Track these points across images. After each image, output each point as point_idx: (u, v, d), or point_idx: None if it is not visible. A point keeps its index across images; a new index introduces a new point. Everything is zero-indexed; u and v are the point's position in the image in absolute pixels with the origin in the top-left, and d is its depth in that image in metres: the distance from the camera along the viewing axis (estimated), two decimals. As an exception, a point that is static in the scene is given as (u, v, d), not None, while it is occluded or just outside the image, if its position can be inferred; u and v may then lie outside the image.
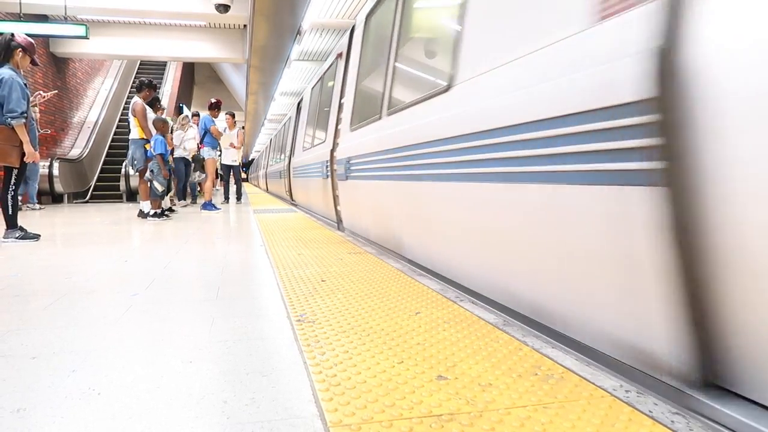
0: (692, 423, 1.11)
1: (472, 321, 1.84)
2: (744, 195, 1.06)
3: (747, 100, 1.03)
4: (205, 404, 1.19)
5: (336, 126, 5.33)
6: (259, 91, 13.82)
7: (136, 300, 2.21)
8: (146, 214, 6.43)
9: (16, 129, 4.04)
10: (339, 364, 1.42)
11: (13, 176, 4.19)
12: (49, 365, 1.45)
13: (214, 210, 7.74)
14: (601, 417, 1.12)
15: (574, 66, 1.49)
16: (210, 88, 22.49)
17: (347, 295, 2.21)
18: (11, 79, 4.02)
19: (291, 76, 14.49)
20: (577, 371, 1.37)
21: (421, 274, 2.70)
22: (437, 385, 1.29)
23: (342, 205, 4.99)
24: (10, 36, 4.21)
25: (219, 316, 1.95)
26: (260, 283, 2.55)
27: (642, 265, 1.30)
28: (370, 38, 4.41)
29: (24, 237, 4.23)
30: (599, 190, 1.40)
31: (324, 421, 1.10)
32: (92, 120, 12.77)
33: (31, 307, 2.10)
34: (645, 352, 1.34)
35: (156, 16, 10.02)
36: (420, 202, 2.78)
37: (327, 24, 9.94)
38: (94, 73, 13.66)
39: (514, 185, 1.81)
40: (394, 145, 3.11)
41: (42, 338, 1.69)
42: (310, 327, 1.77)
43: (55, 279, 2.67)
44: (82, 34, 9.08)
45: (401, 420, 1.10)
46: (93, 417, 1.13)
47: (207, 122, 8.16)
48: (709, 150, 1.12)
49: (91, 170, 11.85)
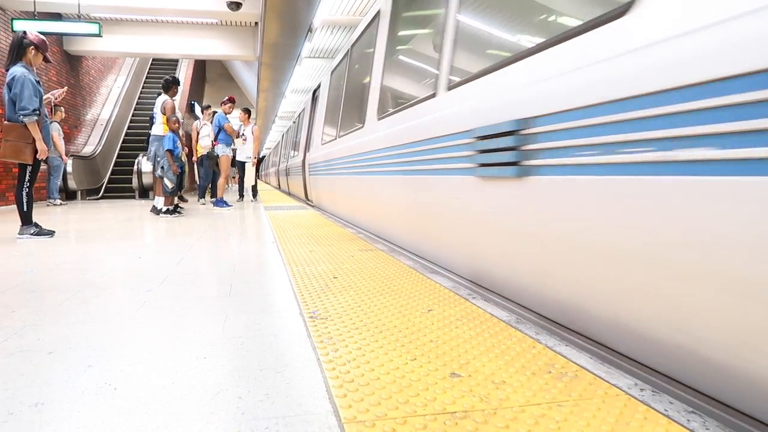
0: (708, 422, 1.10)
1: (484, 318, 1.83)
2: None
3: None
4: (220, 400, 1.20)
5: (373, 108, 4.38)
6: (270, 88, 13.88)
7: (151, 296, 2.23)
8: (159, 211, 6.49)
9: (29, 126, 4.09)
10: (352, 361, 1.42)
11: (27, 173, 4.24)
12: (66, 360, 1.46)
13: (226, 207, 7.78)
14: (616, 415, 1.11)
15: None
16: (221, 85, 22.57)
17: (359, 292, 2.22)
18: (23, 76, 4.06)
19: (302, 74, 14.54)
20: (591, 369, 1.37)
21: (433, 272, 2.69)
22: (451, 382, 1.29)
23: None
24: (22, 34, 4.25)
25: (232, 313, 1.96)
26: (273, 280, 2.56)
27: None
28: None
29: (39, 233, 4.28)
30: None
31: (338, 417, 1.11)
32: (105, 117, 12.87)
33: (47, 303, 2.12)
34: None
35: (168, 14, 10.05)
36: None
37: (338, 21, 9.94)
38: (106, 71, 13.76)
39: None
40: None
41: (58, 334, 1.71)
42: (323, 323, 1.77)
43: (70, 275, 2.70)
44: (96, 32, 9.13)
45: (415, 417, 1.10)
46: (109, 412, 1.14)
47: (221, 119, 8.20)
48: None
49: (104, 167, 11.95)
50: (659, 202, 1.36)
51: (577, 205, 1.66)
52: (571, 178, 1.69)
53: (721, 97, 1.17)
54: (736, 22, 1.15)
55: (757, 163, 1.11)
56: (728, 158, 1.16)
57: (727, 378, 1.25)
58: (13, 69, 4.12)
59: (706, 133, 1.22)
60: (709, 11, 1.22)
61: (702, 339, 1.29)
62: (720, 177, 1.19)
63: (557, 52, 1.80)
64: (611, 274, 1.54)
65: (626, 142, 1.45)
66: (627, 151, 1.45)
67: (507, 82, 2.12)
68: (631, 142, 1.44)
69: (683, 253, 1.30)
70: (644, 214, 1.41)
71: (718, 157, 1.19)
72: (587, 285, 1.66)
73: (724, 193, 1.17)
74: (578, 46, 1.69)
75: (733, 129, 1.15)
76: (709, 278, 1.25)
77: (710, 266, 1.25)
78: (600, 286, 1.61)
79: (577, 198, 1.67)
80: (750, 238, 1.14)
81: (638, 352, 1.52)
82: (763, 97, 1.09)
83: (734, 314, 1.22)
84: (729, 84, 1.15)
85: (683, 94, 1.27)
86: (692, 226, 1.25)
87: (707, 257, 1.24)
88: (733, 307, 1.21)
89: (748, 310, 1.18)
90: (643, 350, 1.49)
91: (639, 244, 1.43)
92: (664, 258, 1.36)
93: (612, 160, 1.51)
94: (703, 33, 1.23)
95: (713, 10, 1.21)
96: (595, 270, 1.61)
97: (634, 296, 1.47)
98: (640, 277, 1.45)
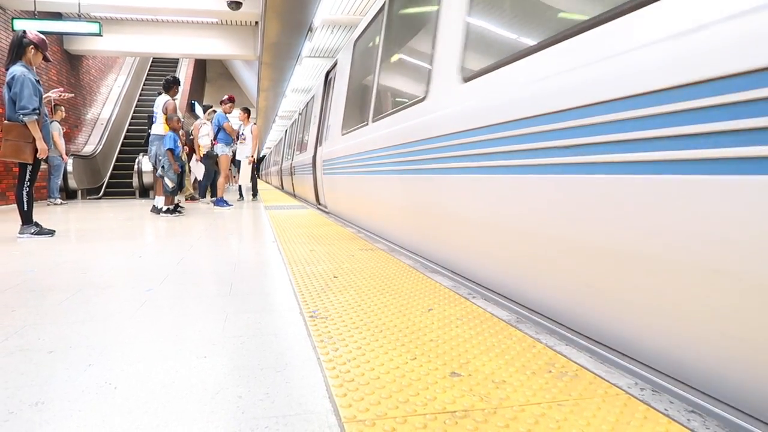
0: (708, 421, 1.10)
1: (484, 318, 1.83)
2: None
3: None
4: (220, 399, 1.20)
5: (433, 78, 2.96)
6: (270, 87, 13.89)
7: (151, 295, 2.23)
8: (159, 210, 6.50)
9: (29, 126, 4.09)
10: (352, 360, 1.43)
11: (27, 173, 4.25)
12: (66, 359, 1.46)
13: (227, 206, 7.79)
14: (616, 415, 1.11)
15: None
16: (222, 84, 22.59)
17: (359, 292, 2.22)
18: (23, 76, 4.06)
19: (302, 73, 14.55)
20: (591, 369, 1.37)
21: (433, 271, 2.69)
22: (451, 381, 1.29)
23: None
24: (22, 33, 4.25)
25: (232, 312, 1.96)
26: (273, 279, 2.56)
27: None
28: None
29: (39, 233, 4.28)
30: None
31: (338, 416, 1.11)
32: (105, 117, 12.88)
33: (48, 302, 2.12)
34: None
35: (168, 14, 10.06)
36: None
37: (338, 21, 9.96)
38: (107, 70, 13.76)
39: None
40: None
41: (58, 333, 1.71)
42: (323, 323, 1.77)
43: (70, 274, 2.70)
44: (96, 32, 9.14)
45: (415, 416, 1.10)
46: (110, 411, 1.14)
47: (221, 119, 8.20)
48: None
49: (104, 167, 11.96)
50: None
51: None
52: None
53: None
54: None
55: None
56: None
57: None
58: (13, 68, 4.12)
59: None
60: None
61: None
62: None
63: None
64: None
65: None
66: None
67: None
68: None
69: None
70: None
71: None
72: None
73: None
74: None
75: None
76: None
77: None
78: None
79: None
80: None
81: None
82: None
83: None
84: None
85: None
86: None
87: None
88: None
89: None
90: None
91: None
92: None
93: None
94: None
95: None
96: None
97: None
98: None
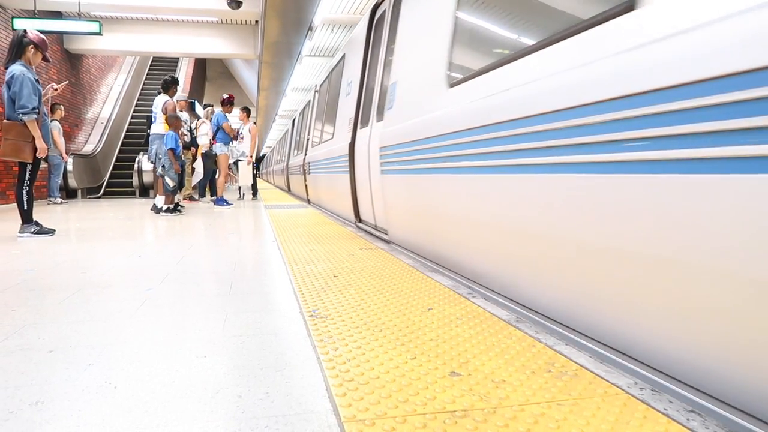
0: (708, 421, 1.10)
1: (484, 317, 1.83)
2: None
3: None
4: (220, 398, 1.20)
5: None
6: (270, 86, 13.88)
7: (151, 295, 2.23)
8: (159, 209, 6.50)
9: (28, 125, 4.09)
10: (352, 360, 1.43)
11: (27, 172, 4.25)
12: (66, 359, 1.46)
13: (227, 206, 7.79)
14: (616, 414, 1.11)
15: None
16: (222, 83, 22.57)
17: (359, 291, 2.22)
18: (22, 75, 4.06)
19: (302, 72, 14.54)
20: (590, 368, 1.37)
21: (433, 270, 2.70)
22: (450, 381, 1.29)
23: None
24: (22, 33, 4.25)
25: (232, 311, 1.96)
26: (273, 279, 2.56)
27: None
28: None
29: (39, 232, 4.28)
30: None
31: (338, 416, 1.11)
32: (105, 116, 12.87)
33: (48, 302, 2.12)
34: None
35: (168, 13, 10.06)
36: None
37: (338, 20, 9.96)
38: (107, 70, 13.75)
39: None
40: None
41: (58, 332, 1.71)
42: (323, 322, 1.77)
43: (70, 273, 2.70)
44: (96, 31, 9.13)
45: (415, 416, 1.10)
46: (110, 411, 1.14)
47: (220, 118, 8.20)
48: None
49: (104, 166, 11.95)
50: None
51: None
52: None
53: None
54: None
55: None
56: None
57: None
58: (12, 67, 4.13)
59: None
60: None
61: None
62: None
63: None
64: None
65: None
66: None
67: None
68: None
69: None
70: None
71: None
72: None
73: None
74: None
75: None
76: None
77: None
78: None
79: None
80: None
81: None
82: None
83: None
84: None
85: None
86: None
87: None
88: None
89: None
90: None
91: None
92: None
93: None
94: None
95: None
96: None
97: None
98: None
